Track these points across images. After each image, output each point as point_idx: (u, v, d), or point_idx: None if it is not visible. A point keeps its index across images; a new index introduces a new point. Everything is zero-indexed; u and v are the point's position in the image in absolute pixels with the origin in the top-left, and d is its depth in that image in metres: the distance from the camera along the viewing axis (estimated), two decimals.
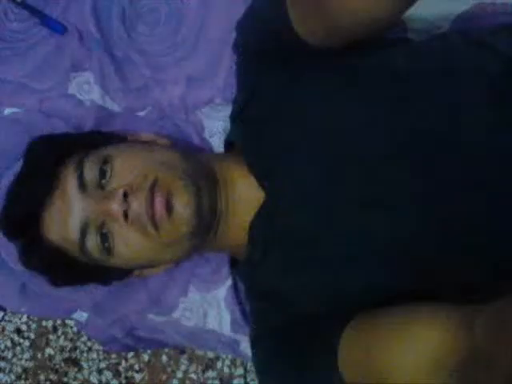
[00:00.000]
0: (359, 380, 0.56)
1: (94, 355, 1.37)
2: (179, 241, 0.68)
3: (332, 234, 0.65)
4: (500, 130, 0.62)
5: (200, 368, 1.34)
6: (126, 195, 0.65)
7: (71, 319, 0.95)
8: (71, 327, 1.37)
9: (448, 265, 0.63)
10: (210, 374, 1.34)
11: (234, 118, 0.79)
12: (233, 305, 0.85)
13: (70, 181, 0.69)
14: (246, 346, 0.89)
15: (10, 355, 1.39)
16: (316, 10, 0.60)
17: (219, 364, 1.33)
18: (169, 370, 1.35)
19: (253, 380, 1.32)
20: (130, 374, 1.36)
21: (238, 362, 1.33)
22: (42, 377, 1.38)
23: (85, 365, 1.37)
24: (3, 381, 1.38)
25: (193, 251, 0.74)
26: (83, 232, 0.68)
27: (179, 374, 1.35)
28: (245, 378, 1.33)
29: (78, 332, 1.35)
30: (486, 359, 0.43)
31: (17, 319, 1.39)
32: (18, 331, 1.39)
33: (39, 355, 1.38)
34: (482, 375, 0.44)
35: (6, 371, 1.39)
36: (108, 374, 1.37)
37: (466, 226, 0.62)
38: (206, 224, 0.69)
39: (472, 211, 0.61)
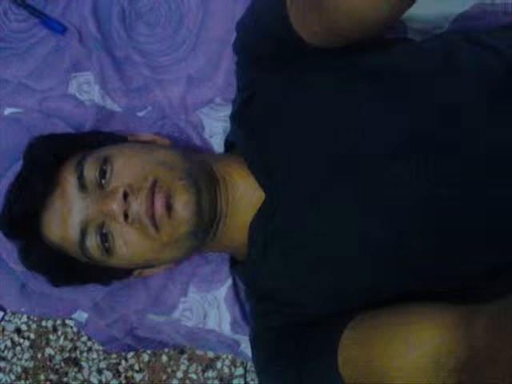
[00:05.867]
0: (359, 380, 0.56)
1: (94, 355, 1.37)
2: (179, 241, 0.68)
3: (332, 234, 0.65)
4: (501, 131, 0.62)
5: (200, 368, 1.34)
6: (125, 195, 0.65)
7: (71, 319, 0.95)
8: (71, 327, 1.37)
9: (448, 265, 0.63)
10: (210, 374, 1.34)
11: (234, 118, 0.79)
12: (233, 305, 0.85)
13: (69, 181, 0.69)
14: (246, 346, 0.89)
15: (10, 355, 1.39)
16: (315, 11, 0.60)
17: (219, 364, 1.34)
18: (169, 370, 1.35)
19: (253, 380, 1.32)
20: (129, 373, 1.36)
21: (238, 362, 1.33)
22: (42, 377, 1.39)
23: (85, 365, 1.37)
24: (3, 381, 1.38)
25: (193, 251, 0.75)
26: (83, 232, 0.68)
27: (179, 374, 1.35)
28: (245, 378, 1.33)
29: (78, 332, 1.36)
30: (485, 359, 0.43)
31: (17, 319, 1.39)
32: (18, 331, 1.39)
33: (39, 355, 1.38)
34: (482, 375, 0.44)
35: (6, 371, 1.39)
36: (108, 374, 1.37)
37: (466, 226, 0.62)
38: (206, 224, 0.69)
39: (472, 211, 0.61)
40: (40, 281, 0.79)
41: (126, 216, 0.65)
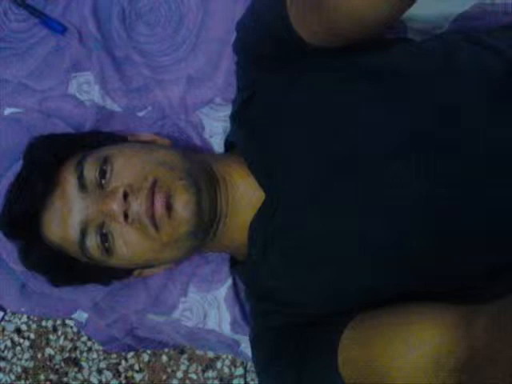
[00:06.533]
0: (359, 380, 0.56)
1: (94, 355, 1.37)
2: (179, 241, 0.68)
3: (332, 234, 0.65)
4: (501, 131, 0.62)
5: (200, 368, 1.34)
6: (125, 195, 0.65)
7: (71, 319, 0.95)
8: (71, 327, 1.37)
9: (448, 265, 0.63)
10: (210, 374, 1.34)
11: (234, 118, 0.79)
12: (233, 305, 0.85)
13: (69, 181, 0.69)
14: (246, 346, 0.89)
15: (10, 355, 1.39)
16: (315, 11, 0.60)
17: (219, 364, 1.34)
18: (169, 370, 1.35)
19: (253, 380, 1.32)
20: (129, 373, 1.36)
21: (238, 362, 1.33)
22: (42, 377, 1.39)
23: (85, 365, 1.37)
24: (3, 381, 1.38)
25: (193, 251, 0.75)
26: (83, 232, 0.68)
27: (179, 374, 1.35)
28: (245, 378, 1.33)
29: (78, 332, 1.36)
30: (485, 359, 0.43)
31: (17, 319, 1.39)
32: (18, 331, 1.39)
33: (39, 355, 1.38)
34: (482, 375, 0.44)
35: (6, 371, 1.39)
36: (108, 374, 1.37)
37: (466, 226, 0.62)
38: (206, 224, 0.69)
39: (472, 211, 0.61)
40: (40, 281, 0.79)
41: (126, 216, 0.65)
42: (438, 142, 0.62)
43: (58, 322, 1.37)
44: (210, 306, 0.87)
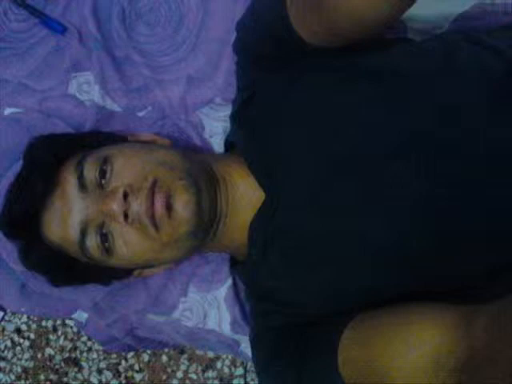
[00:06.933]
0: (359, 380, 0.56)
1: (94, 355, 1.37)
2: (179, 241, 0.68)
3: (332, 234, 0.65)
4: (501, 131, 0.62)
5: (200, 368, 1.34)
6: (125, 195, 0.65)
7: (71, 319, 0.95)
8: (71, 327, 1.37)
9: (448, 265, 0.63)
10: (210, 374, 1.34)
11: (234, 118, 0.79)
12: (233, 305, 0.85)
13: (69, 181, 0.69)
14: (246, 346, 0.89)
15: (10, 355, 1.39)
16: (315, 11, 0.60)
17: (219, 364, 1.34)
18: (169, 370, 1.35)
19: (253, 380, 1.32)
20: (130, 373, 1.36)
21: (238, 362, 1.33)
22: (42, 377, 1.39)
23: (85, 365, 1.37)
24: (3, 381, 1.38)
25: (193, 251, 0.75)
26: (83, 232, 0.68)
27: (179, 374, 1.35)
28: (245, 378, 1.33)
29: (78, 332, 1.36)
30: (485, 359, 0.43)
31: (17, 319, 1.39)
32: (18, 331, 1.39)
33: (39, 355, 1.38)
34: (482, 375, 0.44)
35: (6, 371, 1.39)
36: (108, 374, 1.37)
37: (466, 226, 0.62)
38: (206, 224, 0.69)
39: (472, 211, 0.61)
40: (40, 281, 0.79)
41: (126, 216, 0.65)
42: (438, 142, 0.62)
43: (58, 322, 1.37)
44: (210, 306, 0.87)
